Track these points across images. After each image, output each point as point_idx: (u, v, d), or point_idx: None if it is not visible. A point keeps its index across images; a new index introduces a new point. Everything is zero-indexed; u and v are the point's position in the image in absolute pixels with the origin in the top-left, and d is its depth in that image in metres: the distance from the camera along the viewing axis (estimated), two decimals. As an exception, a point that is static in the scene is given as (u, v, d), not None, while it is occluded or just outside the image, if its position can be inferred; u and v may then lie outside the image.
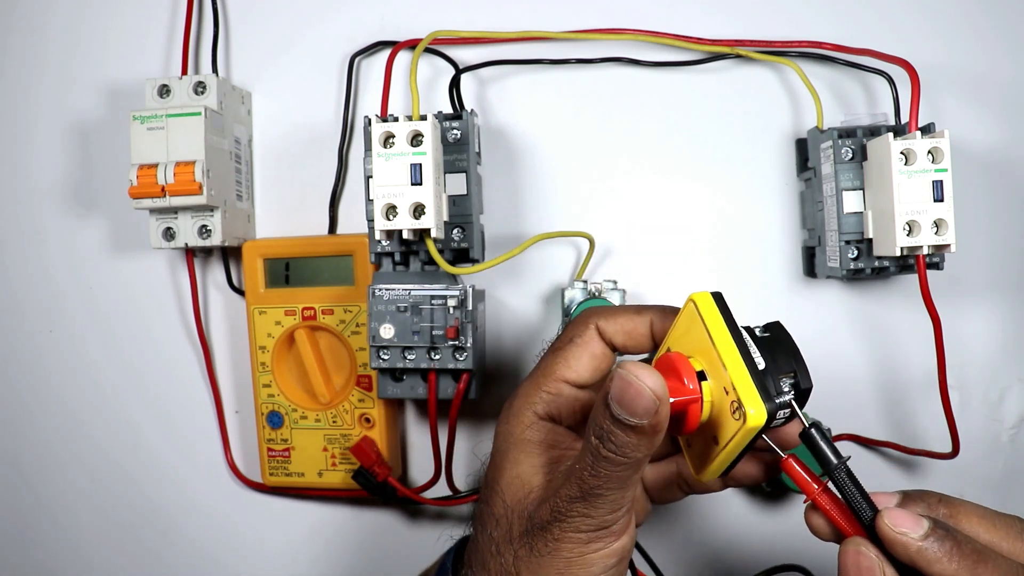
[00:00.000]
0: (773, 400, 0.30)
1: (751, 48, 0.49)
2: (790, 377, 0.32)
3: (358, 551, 0.55)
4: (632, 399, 0.29)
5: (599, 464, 0.31)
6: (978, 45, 0.49)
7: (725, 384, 0.30)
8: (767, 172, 0.50)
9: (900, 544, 0.30)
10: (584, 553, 0.33)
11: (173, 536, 0.57)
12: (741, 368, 0.30)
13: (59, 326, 0.57)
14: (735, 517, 0.51)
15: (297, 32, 0.53)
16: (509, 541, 0.34)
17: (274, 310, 0.51)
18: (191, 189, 0.47)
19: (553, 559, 0.33)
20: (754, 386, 0.30)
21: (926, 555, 0.29)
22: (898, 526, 0.30)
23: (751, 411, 0.29)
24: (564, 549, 0.33)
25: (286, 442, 0.52)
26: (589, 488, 0.31)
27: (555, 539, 0.33)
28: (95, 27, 0.55)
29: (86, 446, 0.57)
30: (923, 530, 0.30)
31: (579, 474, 0.32)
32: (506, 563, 0.34)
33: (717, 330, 0.31)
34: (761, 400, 0.30)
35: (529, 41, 0.51)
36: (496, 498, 0.35)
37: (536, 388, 0.36)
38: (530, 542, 0.33)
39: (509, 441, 0.36)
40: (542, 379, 0.36)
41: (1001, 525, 0.32)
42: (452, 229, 0.46)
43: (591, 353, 0.36)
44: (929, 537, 0.30)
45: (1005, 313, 0.49)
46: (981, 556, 0.30)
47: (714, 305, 0.32)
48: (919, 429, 0.50)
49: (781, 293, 0.50)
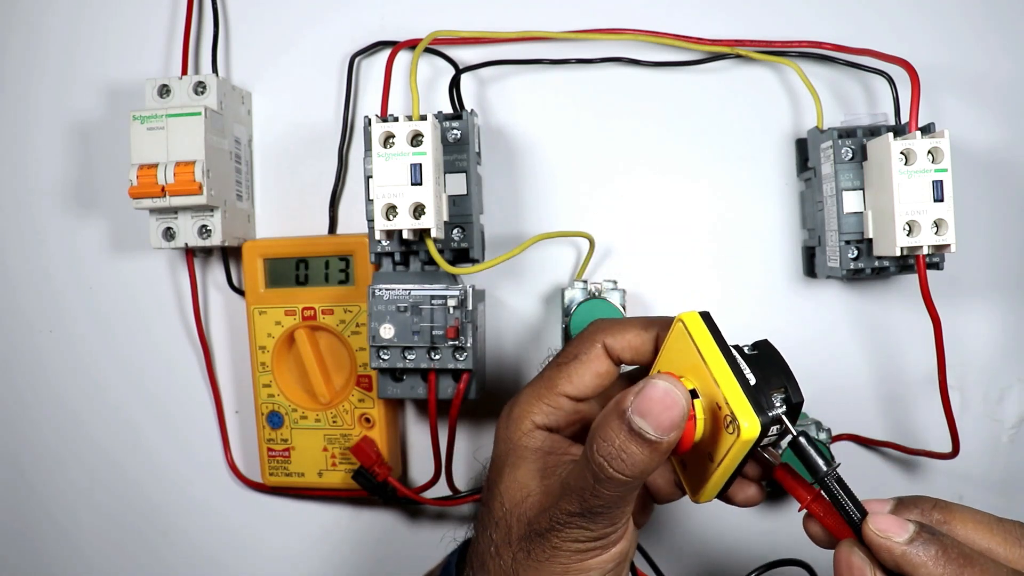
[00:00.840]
0: (766, 413, 0.31)
1: (751, 48, 0.49)
2: (781, 392, 0.32)
3: (358, 551, 0.55)
4: (660, 412, 0.30)
5: (601, 485, 0.31)
6: (978, 45, 0.49)
7: (718, 400, 0.31)
8: (767, 172, 0.50)
9: (885, 549, 0.29)
10: (582, 560, 0.33)
11: (173, 536, 0.57)
12: (733, 383, 0.31)
13: (59, 326, 0.57)
14: (735, 516, 0.51)
15: (297, 32, 0.53)
16: (508, 544, 0.35)
17: (274, 310, 0.51)
18: (191, 189, 0.47)
19: (551, 564, 0.33)
20: (746, 400, 0.30)
21: (911, 559, 0.29)
22: (883, 531, 0.30)
23: (744, 424, 0.30)
24: (562, 556, 0.33)
25: (286, 442, 0.52)
26: (589, 507, 0.32)
27: (553, 547, 0.33)
28: (95, 27, 0.55)
29: (86, 446, 0.57)
30: (907, 534, 0.29)
31: (580, 492, 0.32)
32: (505, 565, 0.34)
33: (707, 348, 0.32)
34: (754, 413, 0.30)
35: (529, 41, 0.51)
36: (495, 501, 0.36)
37: (537, 399, 0.37)
38: (528, 547, 0.34)
39: (507, 446, 0.37)
40: (544, 391, 0.36)
41: (999, 530, 0.31)
42: (452, 229, 0.46)
43: (594, 371, 0.36)
44: (914, 541, 0.29)
45: (1005, 313, 0.49)
46: (968, 560, 0.29)
47: (703, 324, 0.33)
48: (919, 429, 0.50)
49: (781, 293, 0.50)
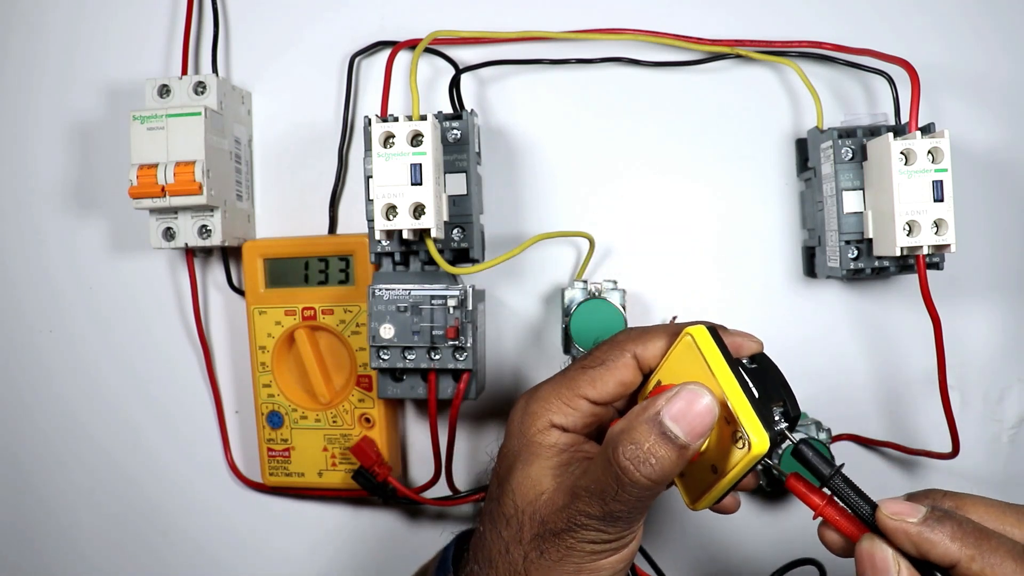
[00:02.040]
0: (773, 428, 0.31)
1: (751, 48, 0.49)
2: (780, 406, 0.33)
3: (358, 551, 0.55)
4: (693, 418, 0.30)
5: (625, 489, 0.31)
6: (978, 45, 0.49)
7: (725, 414, 0.32)
8: (767, 172, 0.50)
9: (901, 531, 0.30)
10: (595, 560, 0.33)
11: (173, 536, 0.57)
12: (743, 399, 0.32)
13: (59, 326, 0.57)
14: (735, 515, 0.51)
15: (297, 32, 0.53)
16: (519, 542, 0.34)
17: (274, 310, 0.51)
18: (191, 189, 0.47)
19: (563, 564, 0.33)
20: (756, 416, 0.31)
21: (927, 537, 0.29)
22: (896, 513, 0.30)
23: (755, 439, 0.31)
24: (575, 556, 0.33)
25: (286, 442, 0.52)
26: (610, 511, 0.32)
27: (567, 547, 0.33)
28: (95, 27, 0.55)
29: (86, 446, 0.57)
30: (921, 515, 0.30)
31: (600, 496, 0.32)
32: (514, 563, 0.34)
33: (716, 363, 0.33)
34: (763, 429, 0.31)
35: (529, 41, 0.51)
36: (507, 497, 0.35)
37: (556, 397, 0.36)
38: (541, 546, 0.34)
39: (521, 441, 0.36)
40: (565, 391, 0.36)
41: (1011, 513, 0.32)
42: (452, 229, 0.46)
43: (619, 379, 0.36)
44: (928, 520, 0.30)
45: (1005, 313, 0.49)
46: (984, 535, 0.29)
47: (711, 339, 0.33)
48: (919, 429, 0.50)
49: (781, 293, 0.50)
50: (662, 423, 0.31)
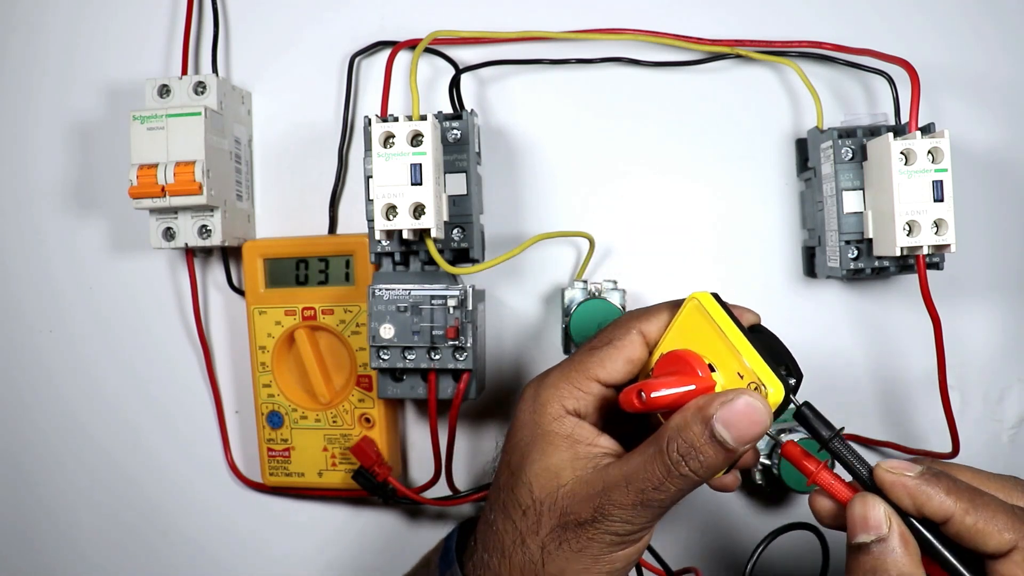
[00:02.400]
0: (785, 380, 0.33)
1: (751, 48, 0.49)
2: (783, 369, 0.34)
3: (358, 551, 0.55)
4: (745, 427, 0.31)
5: (671, 480, 0.32)
6: (978, 45, 0.49)
7: (739, 370, 0.33)
8: (767, 172, 0.50)
9: (899, 484, 0.31)
10: (612, 551, 0.34)
11: (173, 536, 0.57)
12: (755, 354, 0.33)
13: (59, 326, 0.57)
14: (736, 514, 0.51)
15: (297, 32, 0.53)
16: (536, 533, 0.34)
17: (274, 310, 0.51)
18: (191, 189, 0.47)
19: (582, 556, 0.34)
20: (769, 368, 0.32)
21: (924, 490, 0.31)
22: (895, 467, 0.32)
23: (770, 389, 0.32)
24: (595, 547, 0.33)
25: (286, 442, 0.52)
26: (648, 499, 0.32)
27: (588, 538, 0.33)
28: (95, 27, 0.55)
29: (86, 446, 0.57)
30: (918, 470, 0.31)
31: (641, 484, 0.32)
32: (531, 554, 0.34)
33: (725, 323, 0.34)
34: (777, 379, 0.32)
35: (529, 41, 0.51)
36: (522, 488, 0.35)
37: (567, 382, 0.36)
38: (561, 536, 0.34)
39: (536, 432, 0.36)
40: (575, 375, 0.36)
41: (996, 481, 0.33)
42: (452, 229, 0.46)
43: (627, 357, 0.36)
44: (924, 474, 0.31)
45: (1005, 313, 0.49)
46: (976, 491, 0.31)
47: (717, 303, 0.35)
48: (919, 429, 0.50)
49: (781, 293, 0.50)
50: (713, 427, 0.31)
